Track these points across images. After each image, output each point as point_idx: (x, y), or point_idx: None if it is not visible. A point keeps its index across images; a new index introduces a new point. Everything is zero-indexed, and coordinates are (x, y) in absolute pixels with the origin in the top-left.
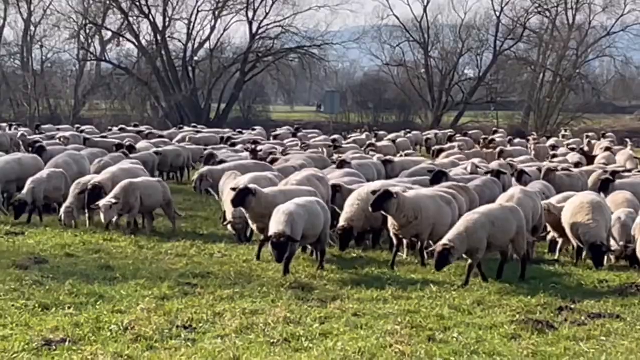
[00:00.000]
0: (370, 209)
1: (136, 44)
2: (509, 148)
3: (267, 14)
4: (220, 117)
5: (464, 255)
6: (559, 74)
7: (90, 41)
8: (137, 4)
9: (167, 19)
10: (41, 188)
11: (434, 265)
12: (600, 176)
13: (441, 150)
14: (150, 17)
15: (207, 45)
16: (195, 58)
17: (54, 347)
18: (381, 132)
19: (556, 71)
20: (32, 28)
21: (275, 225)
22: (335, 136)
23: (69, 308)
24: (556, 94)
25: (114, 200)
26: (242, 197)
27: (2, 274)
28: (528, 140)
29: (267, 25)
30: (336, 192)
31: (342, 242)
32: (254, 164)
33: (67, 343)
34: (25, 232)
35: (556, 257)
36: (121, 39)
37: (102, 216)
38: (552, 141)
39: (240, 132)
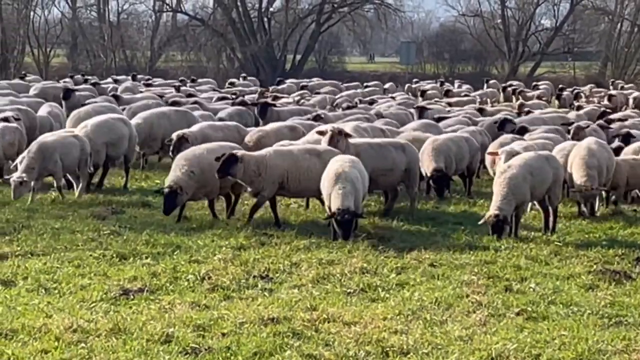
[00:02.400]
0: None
1: None
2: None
3: None
4: (296, 68)
5: None
6: (637, 24)
7: None
8: None
9: None
10: None
11: (491, 234)
12: None
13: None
14: None
15: None
16: (271, 9)
17: (132, 297)
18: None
19: (634, 21)
20: None
21: (337, 199)
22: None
23: (146, 258)
24: (634, 43)
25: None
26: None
27: (80, 224)
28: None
29: None
30: None
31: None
32: None
33: (144, 292)
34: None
35: (635, 208)
36: None
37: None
38: (635, 93)
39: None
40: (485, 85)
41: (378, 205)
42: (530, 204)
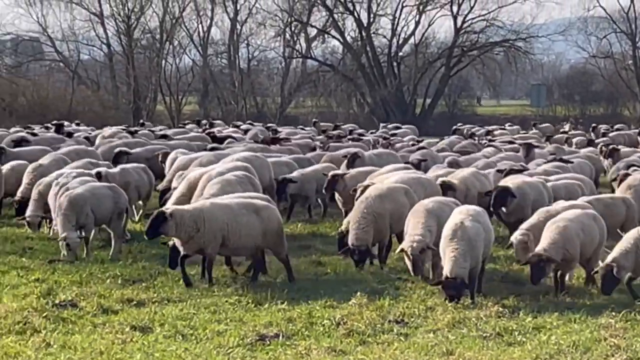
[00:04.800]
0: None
1: (341, 40)
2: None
3: (471, 7)
4: (426, 112)
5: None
6: None
7: (295, 38)
8: (342, 0)
9: (372, 15)
10: None
11: (530, 279)
12: None
13: None
14: (355, 13)
15: (411, 40)
16: (400, 53)
17: (268, 342)
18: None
19: None
20: (238, 27)
21: (448, 263)
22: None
23: (282, 303)
24: None
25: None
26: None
27: (215, 271)
28: None
29: (472, 19)
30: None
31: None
32: None
33: (280, 338)
34: None
35: None
36: (326, 35)
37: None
38: None
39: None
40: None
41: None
42: None
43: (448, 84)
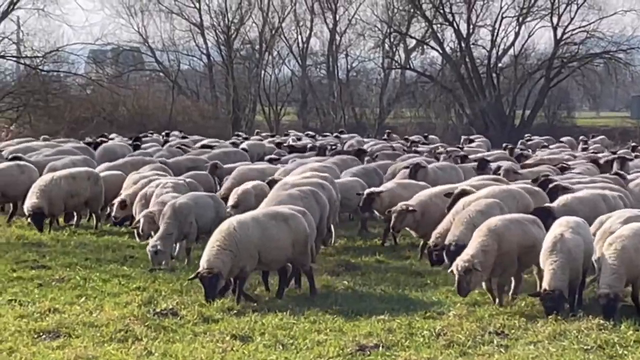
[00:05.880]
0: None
1: (440, 51)
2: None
3: (571, 19)
4: (525, 123)
5: None
6: None
7: (394, 49)
8: (441, 11)
9: (471, 26)
10: None
11: (604, 316)
12: None
13: None
14: (454, 24)
15: (511, 51)
16: (500, 64)
17: (368, 353)
18: None
19: None
20: (337, 37)
21: (547, 275)
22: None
23: (381, 314)
24: None
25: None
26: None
27: (317, 280)
28: None
29: (572, 30)
30: None
31: None
32: None
33: (380, 348)
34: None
35: None
36: (425, 46)
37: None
38: None
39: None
40: None
41: None
42: None
43: (547, 95)
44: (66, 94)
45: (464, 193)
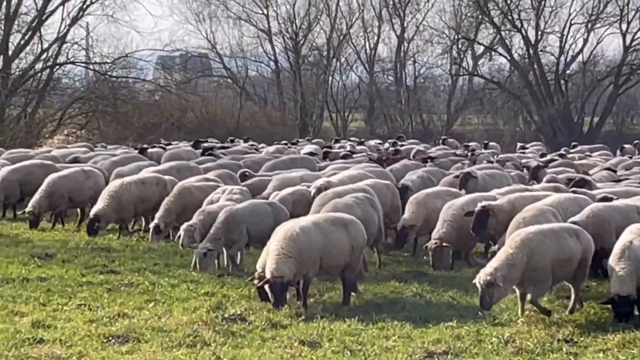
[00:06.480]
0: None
1: (508, 58)
2: None
3: None
4: (593, 130)
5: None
6: None
7: (462, 56)
8: (510, 18)
9: (539, 33)
10: None
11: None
12: None
13: None
14: (522, 30)
15: (579, 58)
16: (568, 71)
17: (436, 359)
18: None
19: None
20: (405, 44)
21: (616, 282)
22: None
23: (450, 320)
24: None
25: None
26: None
27: (382, 287)
28: None
29: None
30: None
31: None
32: None
33: (448, 355)
34: None
35: None
36: (493, 53)
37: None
38: None
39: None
40: None
41: None
42: None
43: (616, 102)
44: (135, 99)
45: None
